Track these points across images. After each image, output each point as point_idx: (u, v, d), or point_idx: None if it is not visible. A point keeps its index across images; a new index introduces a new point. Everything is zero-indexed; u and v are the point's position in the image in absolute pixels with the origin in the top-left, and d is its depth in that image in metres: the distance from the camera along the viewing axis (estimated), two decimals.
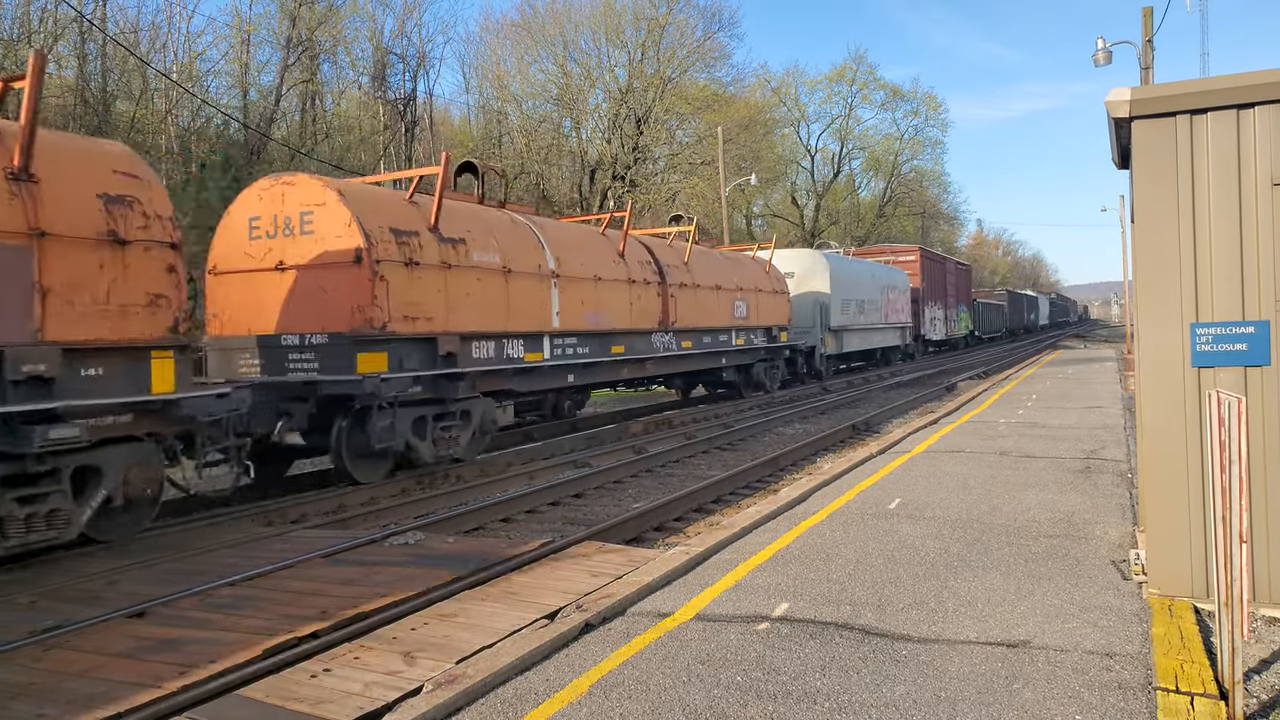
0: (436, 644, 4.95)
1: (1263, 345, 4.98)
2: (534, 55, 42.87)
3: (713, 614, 5.28)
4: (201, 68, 30.12)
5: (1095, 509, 7.78)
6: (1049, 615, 5.10)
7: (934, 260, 44.90)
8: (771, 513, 7.85)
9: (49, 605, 6.02)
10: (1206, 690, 4.02)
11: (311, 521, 9.18)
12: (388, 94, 37.48)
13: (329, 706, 4.19)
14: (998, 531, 7.08)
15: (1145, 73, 20.52)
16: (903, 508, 8.02)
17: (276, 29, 32.77)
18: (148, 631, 5.35)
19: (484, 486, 11.04)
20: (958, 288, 49.39)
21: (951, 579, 5.85)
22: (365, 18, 36.54)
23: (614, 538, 8.00)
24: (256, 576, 6.50)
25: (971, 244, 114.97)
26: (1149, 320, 5.28)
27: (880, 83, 69.52)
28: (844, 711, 3.97)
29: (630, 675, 4.43)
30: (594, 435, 15.25)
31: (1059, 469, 9.80)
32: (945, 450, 11.40)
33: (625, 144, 41.55)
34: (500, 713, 4.07)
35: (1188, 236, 5.14)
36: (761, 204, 61.15)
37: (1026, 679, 4.25)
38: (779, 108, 63.15)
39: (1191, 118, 5.12)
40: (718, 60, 46.55)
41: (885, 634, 4.89)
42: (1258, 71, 5.00)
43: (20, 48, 23.39)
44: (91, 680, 4.60)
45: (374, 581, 6.24)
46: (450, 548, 7.29)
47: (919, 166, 76.43)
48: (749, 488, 11.11)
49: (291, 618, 5.47)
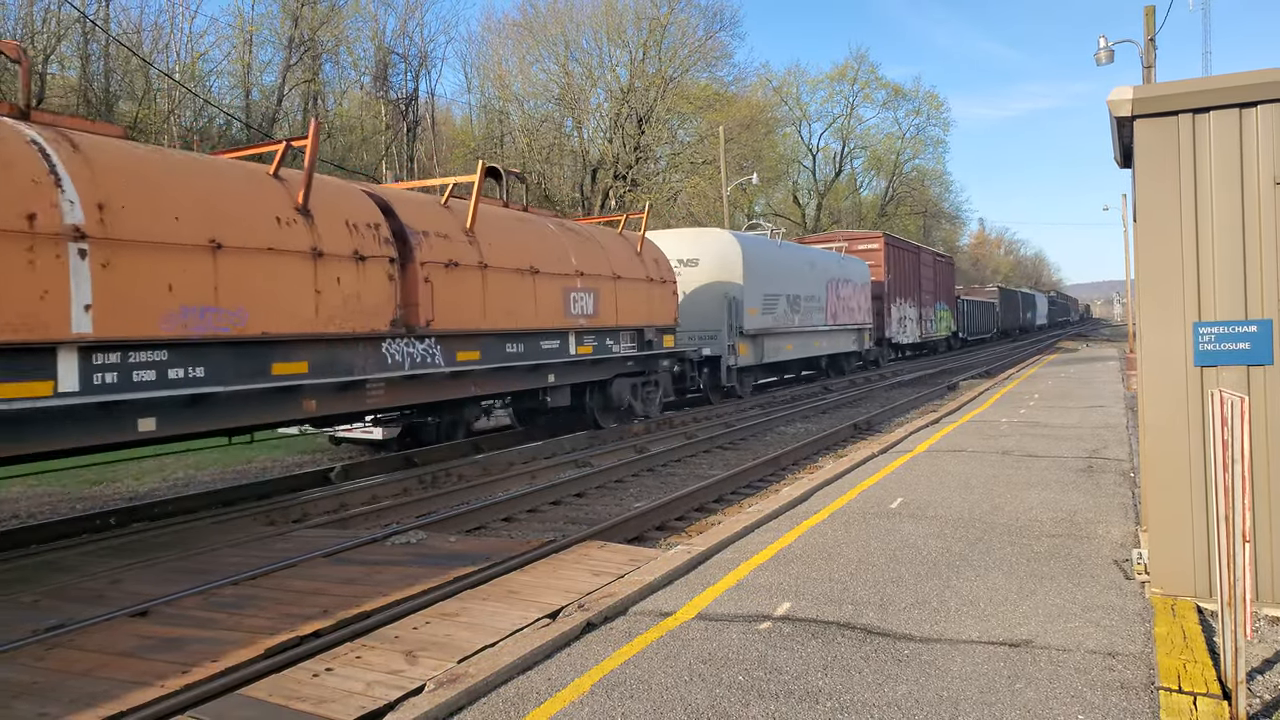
0: (438, 643, 4.95)
1: (1265, 344, 4.97)
2: (535, 55, 42.93)
3: (715, 613, 5.28)
4: (204, 68, 30.20)
5: (1098, 508, 7.77)
6: (1051, 615, 5.09)
7: (903, 250, 37.99)
8: (773, 512, 7.84)
9: (52, 604, 6.03)
10: (1209, 690, 4.02)
11: (313, 521, 9.19)
12: (389, 94, 37.53)
13: (331, 706, 4.19)
14: (1000, 531, 7.07)
15: (1147, 72, 20.50)
16: (905, 507, 8.02)
17: (279, 29, 32.84)
18: (150, 630, 5.36)
19: (485, 486, 11.04)
20: (936, 283, 42.63)
21: (954, 578, 5.84)
22: (367, 17, 36.62)
23: (616, 537, 8.00)
24: (259, 576, 6.51)
25: (973, 243, 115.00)
26: (1151, 319, 5.27)
27: (882, 82, 69.62)
28: (846, 711, 3.97)
29: (632, 674, 4.43)
30: (595, 435, 15.24)
31: (1061, 468, 9.79)
32: (947, 449, 11.39)
33: (627, 143, 41.56)
34: (502, 712, 4.07)
35: (1190, 236, 5.14)
36: (763, 203, 61.14)
37: (1029, 678, 4.24)
38: (780, 107, 63.20)
39: (1194, 117, 5.11)
40: (719, 60, 46.59)
41: (887, 633, 4.88)
42: (1260, 70, 4.99)
43: (23, 48, 23.40)
44: (94, 679, 4.60)
45: (376, 581, 6.25)
46: (452, 547, 7.30)
47: (921, 165, 76.51)
48: (750, 487, 11.10)
49: (293, 617, 5.47)
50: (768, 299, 22.09)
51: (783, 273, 23.26)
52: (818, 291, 25.54)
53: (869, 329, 30.74)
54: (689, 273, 20.52)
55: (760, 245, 22.89)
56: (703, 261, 20.83)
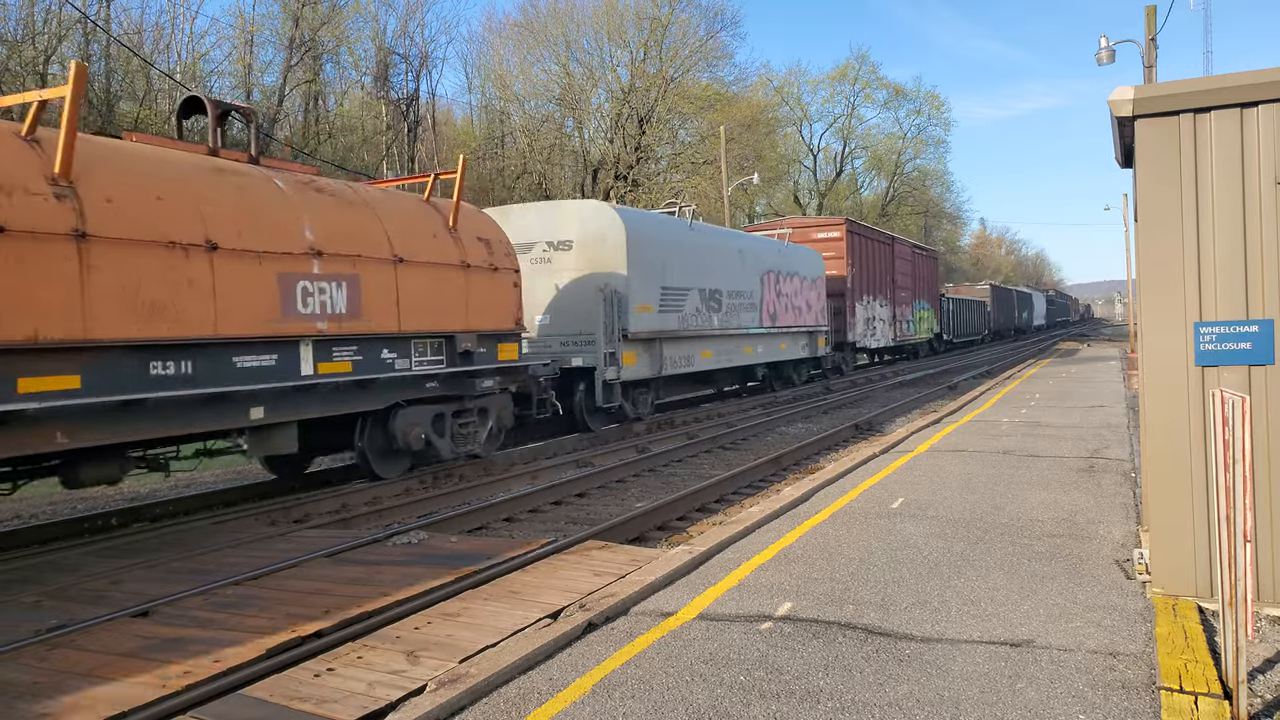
0: (440, 643, 4.96)
1: (1267, 344, 4.97)
2: (536, 55, 43.00)
3: (716, 613, 5.29)
4: (205, 68, 30.24)
5: (1099, 508, 7.77)
6: (1052, 615, 5.09)
7: (872, 240, 32.71)
8: (774, 512, 7.84)
9: (54, 604, 6.04)
10: (1211, 690, 4.02)
11: (315, 521, 9.20)
12: (390, 94, 37.54)
13: (333, 706, 4.19)
14: (1001, 531, 7.07)
15: (1148, 71, 20.50)
16: (906, 507, 8.02)
17: (279, 29, 32.88)
18: (152, 631, 5.36)
19: (487, 486, 11.05)
20: (915, 278, 38.10)
21: (955, 578, 5.84)
22: (368, 18, 36.64)
23: (617, 537, 8.01)
24: (260, 576, 6.51)
25: (975, 243, 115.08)
26: (1152, 319, 5.27)
27: (883, 82, 69.69)
28: (847, 711, 3.97)
29: (633, 675, 4.43)
30: (597, 435, 15.24)
31: (1062, 468, 9.79)
32: (948, 449, 11.39)
33: (628, 143, 41.58)
34: (503, 712, 4.07)
35: (1191, 236, 5.14)
36: (764, 203, 61.20)
37: (1030, 678, 4.25)
38: (781, 107, 63.27)
39: (1195, 116, 5.11)
40: (720, 60, 46.65)
41: (888, 633, 4.89)
42: (1261, 70, 4.99)
43: (24, 49, 23.45)
44: (96, 680, 4.61)
45: (377, 581, 6.25)
46: (453, 547, 7.30)
47: (922, 165, 76.59)
48: (751, 487, 11.11)
49: (295, 617, 5.48)
50: (669, 294, 17.29)
51: (694, 262, 18.28)
52: (749, 286, 20.84)
53: (824, 331, 25.94)
54: (561, 259, 15.94)
55: (655, 225, 17.65)
56: (577, 244, 15.86)
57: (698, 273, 18.45)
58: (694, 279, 18.30)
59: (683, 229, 18.64)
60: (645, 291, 16.48)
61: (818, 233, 29.51)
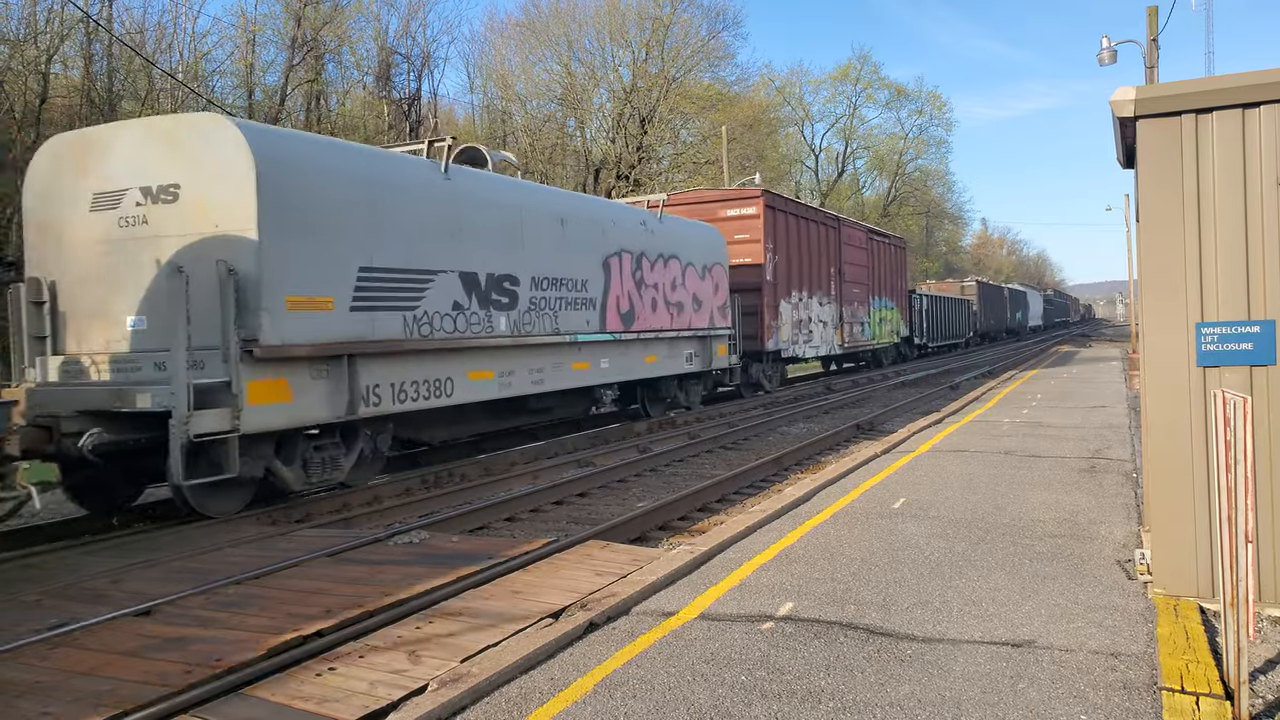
0: (441, 642, 4.96)
1: (1268, 345, 4.97)
2: (538, 55, 43.00)
3: (717, 613, 5.29)
4: (207, 68, 30.23)
5: (1100, 508, 7.77)
6: (1054, 615, 5.09)
7: (806, 219, 25.31)
8: (776, 512, 7.84)
9: (55, 603, 6.04)
10: (1212, 690, 4.02)
11: (316, 521, 9.20)
12: (392, 94, 37.54)
13: (334, 705, 4.20)
14: (1002, 531, 7.07)
15: (1150, 72, 20.48)
16: (907, 507, 8.02)
17: (281, 29, 32.86)
18: (154, 630, 5.37)
19: (488, 485, 11.05)
20: (874, 271, 31.37)
21: (956, 578, 5.84)
22: (370, 17, 36.62)
23: (618, 537, 8.00)
24: (261, 575, 6.51)
25: (976, 243, 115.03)
26: (1154, 320, 5.27)
27: (884, 82, 69.75)
28: (848, 711, 3.97)
29: (634, 674, 4.43)
30: (598, 434, 15.25)
31: (1064, 468, 9.79)
32: (949, 450, 11.39)
33: (629, 143, 41.57)
34: (505, 711, 4.07)
35: (1193, 236, 5.13)
36: None
37: (1031, 679, 4.24)
38: (783, 107, 63.28)
39: (1197, 117, 5.11)
40: (722, 60, 46.64)
41: (890, 633, 4.89)
42: (1263, 71, 4.99)
43: (26, 48, 23.47)
44: (97, 679, 4.61)
45: (378, 580, 6.25)
46: (455, 546, 7.30)
47: (923, 165, 76.62)
48: (753, 487, 11.11)
49: (297, 616, 5.48)
50: (379, 280, 10.01)
51: (451, 228, 11.19)
52: (580, 273, 13.97)
53: (725, 337, 19.10)
54: (164, 218, 8.89)
55: (340, 157, 10.00)
56: (186, 192, 8.81)
57: (460, 247, 11.34)
58: (451, 257, 11.18)
59: (428, 174, 11.13)
60: (308, 272, 9.14)
61: (725, 209, 22.30)
